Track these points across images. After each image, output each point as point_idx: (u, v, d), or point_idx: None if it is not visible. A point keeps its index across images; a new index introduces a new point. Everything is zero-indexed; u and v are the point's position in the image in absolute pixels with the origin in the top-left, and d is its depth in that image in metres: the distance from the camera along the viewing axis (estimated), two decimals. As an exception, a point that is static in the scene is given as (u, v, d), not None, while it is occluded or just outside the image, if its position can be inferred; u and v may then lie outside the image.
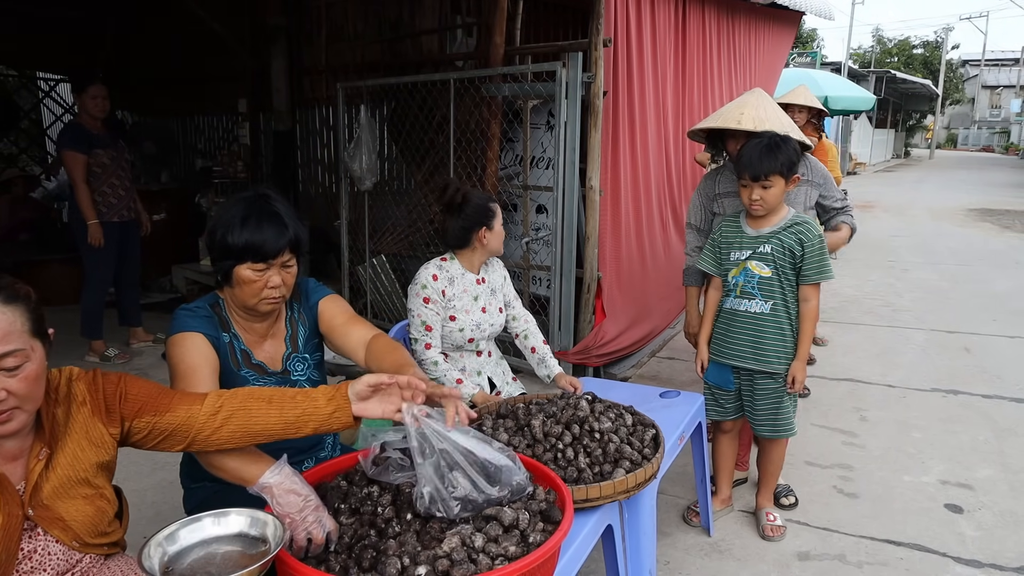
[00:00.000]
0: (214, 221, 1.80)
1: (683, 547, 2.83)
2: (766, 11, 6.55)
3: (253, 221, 1.75)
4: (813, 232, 2.60)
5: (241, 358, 1.87)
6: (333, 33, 6.32)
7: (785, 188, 2.59)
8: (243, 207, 1.77)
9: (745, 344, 2.73)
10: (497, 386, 2.80)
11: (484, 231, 2.63)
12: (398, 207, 5.63)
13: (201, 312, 1.84)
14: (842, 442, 3.80)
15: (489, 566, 1.35)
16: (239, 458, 1.54)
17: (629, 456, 1.89)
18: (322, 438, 2.04)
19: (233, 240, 1.74)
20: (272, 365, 1.92)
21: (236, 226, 1.74)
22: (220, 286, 1.87)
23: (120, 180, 4.81)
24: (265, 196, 1.82)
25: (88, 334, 4.90)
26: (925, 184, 22.07)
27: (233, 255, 1.75)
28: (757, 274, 2.65)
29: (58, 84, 8.89)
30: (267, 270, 1.77)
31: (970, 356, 5.25)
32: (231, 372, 1.83)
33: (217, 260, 1.80)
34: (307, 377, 1.97)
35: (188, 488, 1.98)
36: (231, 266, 1.77)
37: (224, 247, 1.76)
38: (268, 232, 1.75)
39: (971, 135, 54.56)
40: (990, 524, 3.01)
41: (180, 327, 1.79)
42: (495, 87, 4.41)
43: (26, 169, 8.54)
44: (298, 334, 1.98)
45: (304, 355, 1.98)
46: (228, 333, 1.86)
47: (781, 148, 2.55)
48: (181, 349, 1.75)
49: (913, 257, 9.42)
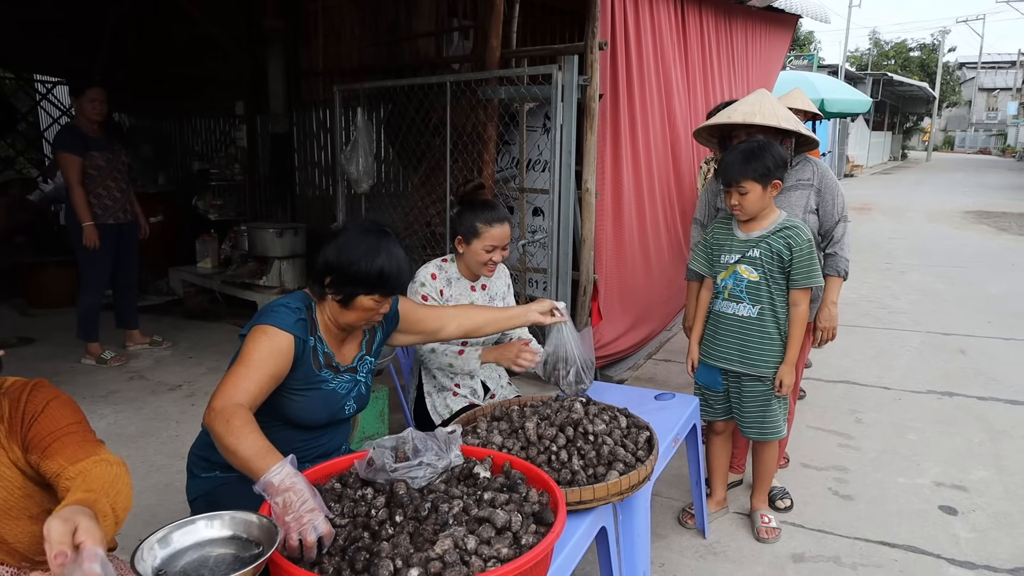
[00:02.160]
0: (341, 246, 1.84)
1: (678, 549, 2.83)
2: (763, 14, 6.57)
3: (387, 254, 1.82)
4: (802, 236, 2.59)
5: (323, 360, 1.93)
6: (330, 36, 6.33)
7: (764, 194, 2.57)
8: (375, 239, 1.84)
9: (732, 347, 2.74)
10: (491, 389, 2.80)
11: (459, 241, 2.62)
12: (395, 210, 5.64)
13: (299, 314, 1.87)
14: (837, 444, 3.81)
15: (482, 568, 1.36)
16: (254, 449, 1.54)
17: (623, 458, 1.90)
18: (340, 446, 2.10)
19: (368, 270, 1.80)
20: (344, 363, 2.00)
21: (375, 257, 1.81)
22: (319, 296, 1.91)
23: (116, 182, 4.81)
24: (393, 235, 1.90)
25: (84, 336, 4.89)
26: (922, 186, 22.13)
27: (363, 284, 1.82)
28: (746, 278, 2.66)
29: (55, 87, 8.89)
30: (384, 302, 1.87)
31: (966, 358, 5.27)
32: (311, 373, 1.89)
33: (340, 284, 1.84)
34: (366, 380, 2.08)
35: (196, 476, 1.98)
36: (355, 293, 1.83)
37: (355, 275, 1.81)
38: (404, 268, 1.86)
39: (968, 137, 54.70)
40: (984, 526, 3.01)
41: (278, 321, 1.81)
42: (491, 90, 4.42)
43: (23, 172, 8.55)
44: (375, 339, 2.10)
45: (371, 358, 2.09)
46: (314, 336, 1.91)
47: (758, 155, 2.54)
48: (267, 342, 1.78)
49: (909, 259, 9.44)
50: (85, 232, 4.63)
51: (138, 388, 4.50)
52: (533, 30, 6.16)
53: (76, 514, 1.16)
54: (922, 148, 45.67)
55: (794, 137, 2.88)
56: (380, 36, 5.92)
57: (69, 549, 1.10)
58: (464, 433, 1.95)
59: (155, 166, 8.31)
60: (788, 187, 2.90)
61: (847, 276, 2.94)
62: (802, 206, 2.89)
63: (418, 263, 5.54)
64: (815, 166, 2.94)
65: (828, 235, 2.93)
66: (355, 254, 1.82)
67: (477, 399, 2.72)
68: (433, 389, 2.71)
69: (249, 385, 1.71)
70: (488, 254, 2.57)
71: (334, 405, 1.97)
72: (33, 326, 5.77)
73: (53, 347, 5.21)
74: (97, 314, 4.91)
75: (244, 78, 6.88)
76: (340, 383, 1.97)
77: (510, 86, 4.37)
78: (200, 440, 2.02)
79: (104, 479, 1.34)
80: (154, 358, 5.06)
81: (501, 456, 1.77)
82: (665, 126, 4.94)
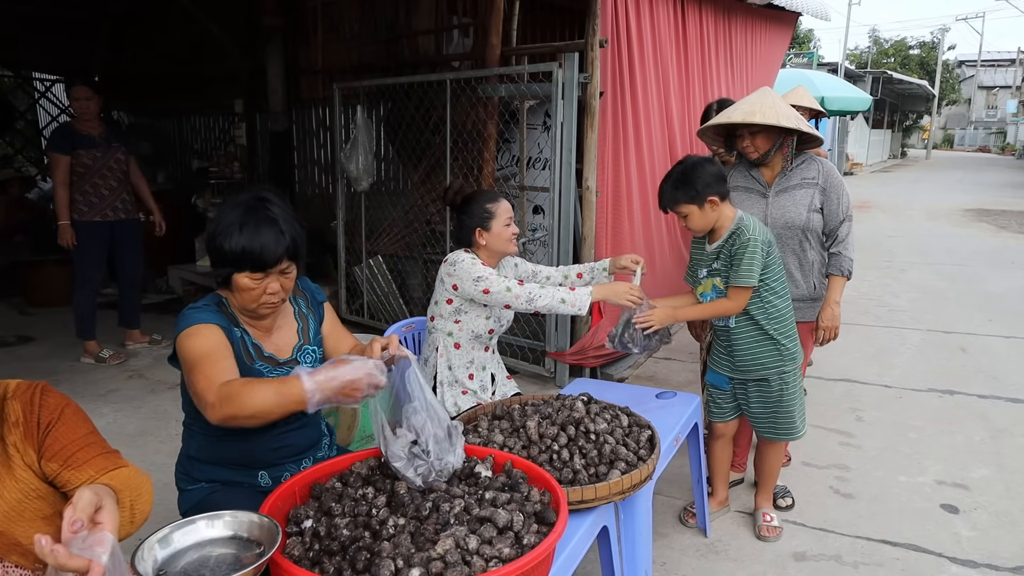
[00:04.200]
0: (212, 225, 1.78)
1: (679, 548, 2.83)
2: (763, 12, 6.55)
3: (251, 228, 1.72)
4: (743, 236, 2.54)
5: (254, 352, 1.87)
6: (329, 33, 6.32)
7: (704, 212, 2.55)
8: (240, 212, 1.75)
9: (724, 356, 2.78)
10: (497, 381, 2.80)
11: (480, 232, 2.63)
12: (395, 208, 5.63)
13: (210, 308, 1.83)
14: (838, 442, 3.80)
15: (483, 568, 1.35)
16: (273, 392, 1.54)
17: (624, 457, 1.89)
18: (320, 438, 2.05)
19: (230, 248, 1.71)
20: (280, 355, 1.93)
21: (234, 233, 1.71)
22: (221, 287, 1.87)
23: (104, 180, 4.74)
24: (263, 200, 1.79)
25: (81, 335, 4.88)
26: (921, 184, 22.12)
27: (231, 263, 1.74)
28: (719, 288, 2.65)
29: (54, 85, 8.87)
30: (265, 278, 1.76)
31: (966, 356, 5.26)
32: (245, 366, 1.82)
33: (216, 266, 1.78)
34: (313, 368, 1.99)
35: (184, 490, 1.97)
36: (229, 273, 1.76)
37: (221, 254, 1.74)
38: (266, 240, 1.72)
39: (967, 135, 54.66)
40: (986, 524, 3.01)
41: (192, 321, 1.76)
42: (491, 88, 4.41)
43: (22, 170, 8.54)
44: (309, 327, 2.02)
45: (313, 347, 2.01)
46: (238, 328, 1.85)
47: (687, 179, 2.53)
48: (197, 339, 1.72)
49: (909, 257, 9.43)
50: (60, 230, 4.63)
51: (137, 387, 4.49)
52: (533, 27, 6.15)
53: (105, 495, 1.18)
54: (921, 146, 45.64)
55: (796, 135, 2.86)
56: (380, 33, 5.91)
57: (88, 523, 1.11)
58: (465, 432, 1.94)
59: (154, 164, 8.29)
60: (792, 186, 2.89)
61: (851, 276, 2.92)
62: (806, 205, 2.87)
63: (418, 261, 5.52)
64: (820, 165, 2.92)
65: (832, 234, 2.91)
66: (219, 228, 1.73)
67: (485, 393, 2.73)
68: (446, 380, 2.70)
69: (218, 370, 1.65)
70: (509, 228, 2.64)
71: None
72: (31, 325, 5.76)
73: (52, 346, 5.20)
74: (92, 312, 4.88)
75: (243, 76, 6.87)
76: (281, 374, 1.86)
77: (510, 84, 4.36)
78: (181, 455, 1.99)
79: (131, 481, 1.37)
80: (153, 356, 5.05)
81: (502, 455, 1.77)
82: (663, 124, 4.93)
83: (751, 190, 2.97)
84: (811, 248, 2.92)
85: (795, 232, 2.89)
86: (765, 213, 2.90)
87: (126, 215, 4.91)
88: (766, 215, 2.90)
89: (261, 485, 1.90)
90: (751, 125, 2.80)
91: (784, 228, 2.88)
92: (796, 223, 2.87)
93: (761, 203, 2.93)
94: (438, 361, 2.70)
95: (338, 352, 2.04)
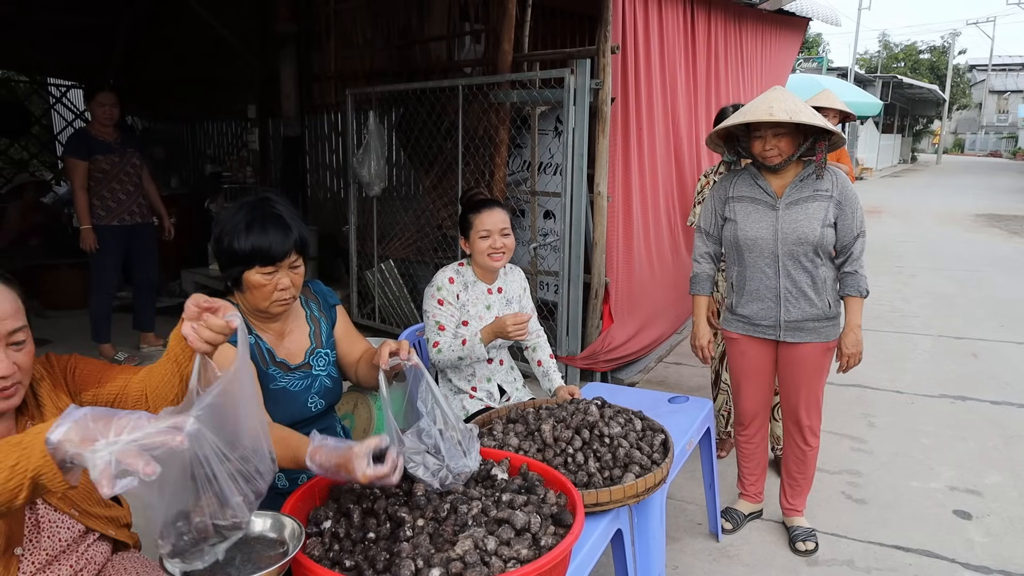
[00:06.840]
0: (219, 228, 1.81)
1: (691, 552, 2.84)
2: (773, 17, 6.57)
3: (257, 226, 1.76)
4: None
5: (268, 357, 1.90)
6: (342, 39, 6.37)
7: None
8: (246, 212, 1.79)
9: None
10: (507, 392, 2.81)
11: (464, 242, 2.66)
12: (406, 212, 5.67)
13: None
14: (850, 448, 3.80)
15: (502, 568, 1.37)
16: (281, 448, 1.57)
17: (639, 461, 1.90)
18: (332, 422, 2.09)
19: (240, 246, 1.75)
20: (293, 360, 1.95)
21: (241, 232, 1.76)
22: (231, 291, 1.89)
23: (122, 185, 4.82)
24: (266, 200, 1.84)
25: (97, 338, 4.94)
26: (932, 189, 22.01)
27: (241, 261, 1.77)
28: None
29: (69, 90, 8.96)
30: (275, 273, 1.80)
31: (978, 362, 5.24)
32: (260, 371, 1.85)
33: (225, 267, 1.82)
34: (327, 373, 2.01)
35: None
36: (240, 272, 1.79)
37: (231, 253, 1.77)
38: (273, 236, 1.77)
39: (978, 140, 54.42)
40: (999, 530, 3.00)
41: None
42: (503, 93, 4.44)
43: (37, 175, 8.63)
44: (321, 331, 2.03)
45: (326, 351, 2.02)
46: (252, 334, 1.88)
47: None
48: None
49: (920, 262, 9.40)
50: (81, 235, 4.70)
51: (152, 389, 4.52)
52: (545, 34, 6.18)
53: None
54: (932, 151, 45.45)
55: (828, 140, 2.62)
56: (392, 40, 5.96)
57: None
58: (480, 435, 1.96)
59: (168, 169, 8.36)
60: (805, 198, 2.63)
61: (868, 294, 2.71)
62: (820, 219, 2.61)
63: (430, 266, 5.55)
64: (834, 176, 2.66)
65: (846, 251, 2.67)
66: (226, 229, 1.78)
67: (493, 402, 2.73)
68: (450, 392, 2.72)
69: None
70: (484, 240, 2.56)
71: (290, 404, 1.92)
72: (47, 328, 5.82)
73: (67, 348, 5.18)
74: (108, 315, 4.95)
75: (256, 81, 6.93)
76: (291, 381, 1.92)
77: (522, 90, 4.39)
78: None
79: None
80: (167, 359, 5.08)
81: (518, 458, 1.79)
82: (670, 130, 4.94)
83: (758, 201, 2.70)
84: (823, 264, 2.68)
85: (807, 248, 2.63)
86: (775, 227, 2.65)
87: (142, 219, 4.98)
88: (776, 228, 2.65)
89: (278, 486, 1.93)
90: (778, 126, 2.54)
91: (795, 244, 2.63)
92: (809, 239, 2.61)
93: (770, 215, 2.66)
94: (438, 376, 2.74)
95: (352, 355, 2.06)
